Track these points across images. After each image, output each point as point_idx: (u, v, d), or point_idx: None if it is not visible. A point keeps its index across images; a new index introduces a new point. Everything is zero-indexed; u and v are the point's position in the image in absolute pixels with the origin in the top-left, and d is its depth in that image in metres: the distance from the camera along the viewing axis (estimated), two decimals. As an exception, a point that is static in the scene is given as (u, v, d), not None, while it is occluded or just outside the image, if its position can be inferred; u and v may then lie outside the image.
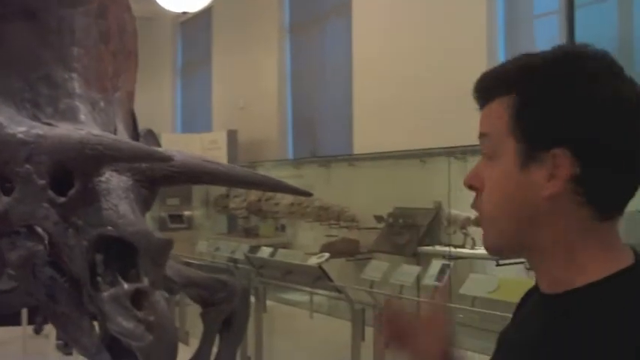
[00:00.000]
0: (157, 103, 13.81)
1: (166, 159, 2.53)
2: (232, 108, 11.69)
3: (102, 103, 3.00)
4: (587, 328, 1.14)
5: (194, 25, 13.63)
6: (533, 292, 1.40)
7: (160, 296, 2.39)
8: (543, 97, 1.19)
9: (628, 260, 1.22)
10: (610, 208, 1.22)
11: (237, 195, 9.79)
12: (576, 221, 1.20)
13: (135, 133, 3.33)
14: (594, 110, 1.16)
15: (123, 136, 2.94)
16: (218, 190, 10.37)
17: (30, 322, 7.03)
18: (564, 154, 1.17)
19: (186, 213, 10.90)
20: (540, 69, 1.21)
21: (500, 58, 7.36)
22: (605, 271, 1.19)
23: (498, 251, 1.31)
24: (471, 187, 1.31)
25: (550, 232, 1.22)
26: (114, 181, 2.56)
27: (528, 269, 5.85)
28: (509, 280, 5.64)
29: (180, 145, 8.78)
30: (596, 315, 1.15)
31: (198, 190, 10.99)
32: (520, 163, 1.21)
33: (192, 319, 7.19)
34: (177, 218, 10.42)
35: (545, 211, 1.21)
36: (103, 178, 2.53)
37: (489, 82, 1.29)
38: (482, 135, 1.30)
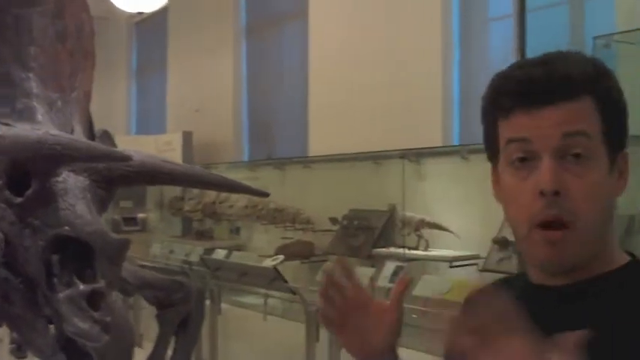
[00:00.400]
0: (111, 104, 13.67)
1: (124, 158, 2.54)
2: (187, 110, 11.62)
3: (59, 103, 2.99)
4: (611, 316, 1.21)
5: (149, 25, 13.52)
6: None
7: (116, 297, 2.40)
8: (619, 103, 1.27)
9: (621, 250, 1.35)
10: None
11: (191, 197, 9.74)
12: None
13: (91, 134, 3.32)
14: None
15: (80, 137, 2.93)
16: (172, 193, 10.30)
17: (-19, 325, 6.91)
18: (626, 154, 1.28)
19: (140, 215, 10.79)
20: (607, 75, 1.27)
21: (455, 61, 7.46)
22: (616, 261, 1.29)
23: (581, 263, 1.26)
24: (554, 194, 1.22)
25: (609, 229, 1.28)
26: (71, 181, 2.55)
27: (481, 271, 5.94)
28: (463, 282, 5.72)
29: (135, 146, 8.68)
30: (615, 304, 1.23)
31: (152, 193, 10.90)
32: (609, 165, 1.25)
33: (146, 322, 7.16)
34: (130, 221, 10.32)
35: (613, 211, 1.28)
36: (60, 179, 2.52)
37: (565, 79, 1.24)
38: (574, 133, 1.23)
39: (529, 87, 1.24)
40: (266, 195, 3.35)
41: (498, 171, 1.33)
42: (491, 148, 1.35)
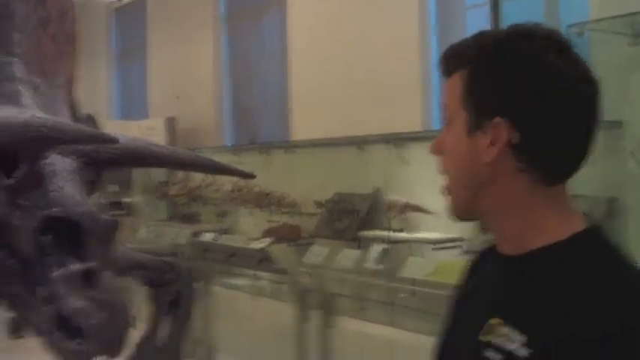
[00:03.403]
0: (92, 90, 13.60)
1: (111, 140, 2.55)
2: (170, 95, 11.60)
3: (43, 88, 3.00)
4: (545, 290, 1.24)
5: (129, 11, 13.46)
6: (487, 254, 1.49)
7: (109, 275, 2.41)
8: (489, 70, 1.30)
9: (581, 224, 1.32)
10: (554, 174, 1.31)
11: (176, 182, 9.73)
12: (521, 185, 1.30)
13: (75, 118, 3.33)
14: (532, 84, 1.26)
15: (65, 120, 2.94)
16: (158, 177, 10.28)
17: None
18: (503, 123, 1.27)
19: (126, 200, 10.77)
20: (490, 45, 1.32)
21: (433, 47, 7.49)
22: (559, 234, 1.29)
23: (458, 214, 1.38)
24: (436, 153, 1.40)
25: (497, 195, 1.32)
26: (59, 164, 2.57)
27: (466, 252, 6.00)
28: (446, 263, 5.77)
29: (118, 132, 8.69)
30: (552, 277, 1.25)
31: (137, 177, 10.88)
32: (467, 131, 1.31)
33: (137, 303, 7.17)
34: (116, 205, 10.29)
35: (489, 177, 1.31)
36: (48, 161, 2.54)
37: (449, 58, 1.38)
38: (443, 105, 1.38)
39: (439, 64, 1.41)
40: (252, 176, 3.39)
41: None
42: None
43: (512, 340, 1.20)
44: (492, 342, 1.24)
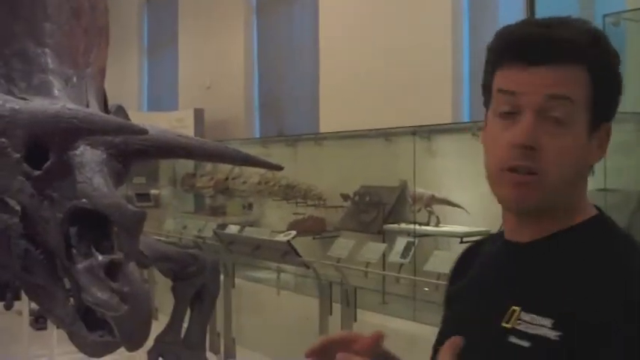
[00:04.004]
0: (122, 81, 13.70)
1: (141, 132, 2.56)
2: (199, 87, 11.66)
3: (74, 79, 3.02)
4: (561, 273, 1.28)
5: (160, 3, 13.53)
6: (483, 243, 1.55)
7: (133, 267, 2.43)
8: (610, 74, 1.33)
9: (592, 212, 1.38)
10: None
11: (204, 174, 9.79)
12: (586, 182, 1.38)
13: (105, 109, 3.35)
14: (621, 86, 1.35)
15: (96, 111, 2.96)
16: (185, 169, 10.35)
17: (0, 299, 7.00)
18: (609, 126, 1.35)
19: (153, 191, 10.85)
20: (605, 47, 1.33)
21: (465, 39, 7.44)
22: (572, 221, 1.35)
23: (540, 208, 1.34)
24: (525, 147, 1.29)
25: (575, 193, 1.36)
26: (88, 155, 2.59)
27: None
28: (473, 257, 5.74)
29: (147, 123, 8.75)
30: (563, 261, 1.30)
31: (165, 169, 10.96)
32: (588, 132, 1.32)
33: (160, 296, 7.23)
34: (144, 197, 10.37)
35: (585, 174, 1.36)
36: (77, 152, 2.55)
37: (562, 44, 1.30)
38: (557, 97, 1.29)
39: (527, 44, 1.31)
40: (280, 168, 3.40)
41: (488, 117, 1.41)
42: (486, 95, 1.42)
43: (539, 324, 1.23)
44: (516, 328, 1.26)
